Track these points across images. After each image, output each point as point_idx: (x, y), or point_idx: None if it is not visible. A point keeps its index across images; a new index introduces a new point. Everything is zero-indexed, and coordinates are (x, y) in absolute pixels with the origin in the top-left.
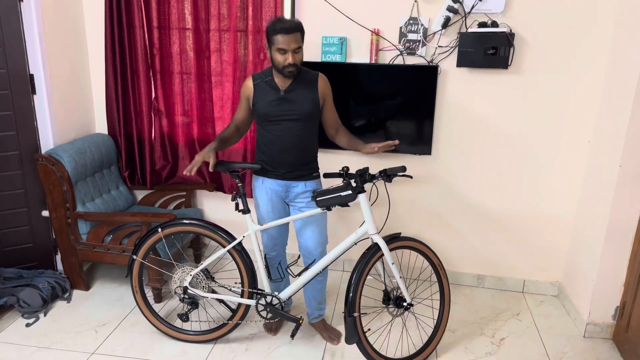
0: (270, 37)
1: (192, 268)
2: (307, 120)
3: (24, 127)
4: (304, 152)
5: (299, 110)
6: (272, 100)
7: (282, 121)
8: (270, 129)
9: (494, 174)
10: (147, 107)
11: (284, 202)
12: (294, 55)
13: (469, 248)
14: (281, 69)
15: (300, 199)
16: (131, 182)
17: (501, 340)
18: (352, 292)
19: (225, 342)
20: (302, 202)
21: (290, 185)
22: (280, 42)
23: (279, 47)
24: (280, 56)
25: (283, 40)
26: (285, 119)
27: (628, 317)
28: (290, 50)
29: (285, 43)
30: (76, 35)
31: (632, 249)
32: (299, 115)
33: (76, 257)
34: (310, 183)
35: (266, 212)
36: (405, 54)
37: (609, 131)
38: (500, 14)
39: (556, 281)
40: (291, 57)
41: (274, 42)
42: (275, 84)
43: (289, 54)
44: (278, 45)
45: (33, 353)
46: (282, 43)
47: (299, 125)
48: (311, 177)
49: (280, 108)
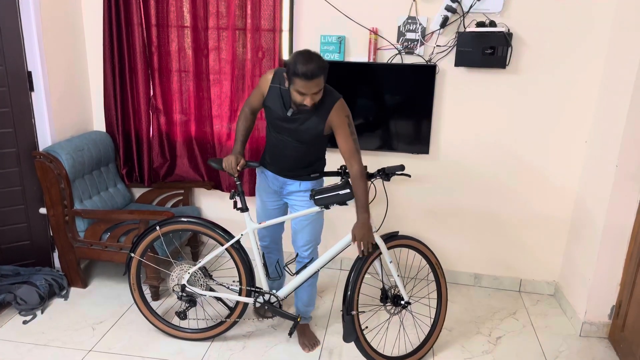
0: (290, 76)
1: (190, 266)
2: (308, 144)
3: (22, 124)
4: (302, 163)
5: (298, 134)
6: (278, 114)
7: (283, 134)
8: (273, 135)
9: (491, 173)
10: (145, 105)
11: (279, 196)
12: (313, 97)
13: (466, 247)
14: (297, 105)
15: (295, 197)
16: (129, 180)
17: (497, 339)
18: (350, 290)
19: (223, 340)
20: (297, 201)
21: (285, 182)
22: (300, 86)
23: (297, 89)
24: (298, 96)
25: (302, 85)
26: (286, 135)
27: (624, 316)
28: (309, 94)
29: (305, 88)
30: (74, 32)
31: (628, 248)
32: (297, 138)
33: (73, 255)
34: (306, 183)
35: (261, 201)
36: (404, 53)
37: (605, 131)
38: (499, 13)
39: (553, 280)
40: (310, 100)
41: (293, 83)
42: (287, 98)
43: (309, 97)
44: (297, 87)
45: (30, 350)
46: (302, 87)
47: (298, 144)
48: (308, 178)
49: (283, 125)
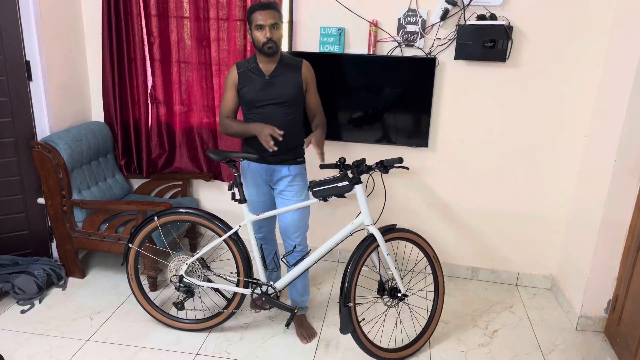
0: (250, 17)
1: (188, 257)
2: (291, 104)
3: (20, 114)
4: (287, 136)
5: (283, 94)
6: (258, 86)
7: (266, 105)
8: (255, 113)
9: (490, 166)
10: (144, 96)
11: (269, 186)
12: (272, 31)
13: (463, 240)
14: (261, 47)
15: (285, 184)
16: (127, 170)
17: (494, 332)
18: (348, 282)
19: (220, 330)
20: (286, 187)
21: (274, 169)
22: (257, 19)
23: (257, 24)
24: (258, 33)
25: (260, 17)
26: (270, 103)
27: (620, 310)
28: (268, 25)
29: (262, 19)
30: (73, 22)
31: (626, 243)
32: (283, 99)
33: (71, 245)
34: (294, 167)
35: (251, 195)
36: (404, 46)
37: (604, 126)
38: (499, 6)
39: (550, 274)
40: (269, 32)
41: (252, 21)
42: (259, 69)
43: (267, 29)
44: (256, 22)
45: (28, 340)
46: (260, 19)
47: (283, 109)
48: (295, 162)
49: (266, 93)
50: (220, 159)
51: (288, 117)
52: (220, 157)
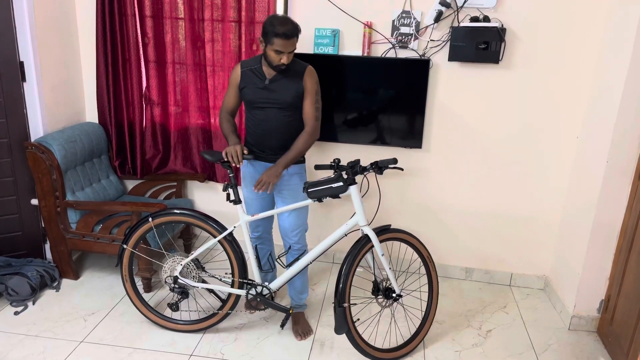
0: (269, 37)
1: (183, 258)
2: (290, 109)
3: (14, 114)
4: (286, 137)
5: (280, 99)
6: (257, 88)
7: (267, 107)
8: (255, 113)
9: (483, 168)
10: (138, 96)
11: None
12: (289, 55)
13: (457, 241)
14: (274, 67)
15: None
16: (121, 171)
17: (488, 332)
18: (342, 282)
19: (215, 331)
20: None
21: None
22: (278, 45)
23: (276, 49)
24: (275, 56)
25: (281, 44)
26: (269, 106)
27: (612, 310)
28: (286, 53)
29: (283, 47)
30: (67, 22)
31: (618, 243)
32: (280, 104)
33: (65, 246)
34: (293, 167)
35: (249, 194)
36: (398, 48)
37: (596, 127)
38: (492, 8)
39: (543, 275)
40: (286, 58)
41: (272, 43)
42: (262, 72)
43: (285, 56)
44: (275, 47)
45: (21, 341)
46: (280, 46)
47: (282, 113)
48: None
49: (264, 95)
50: (215, 160)
51: (287, 119)
52: (214, 158)
